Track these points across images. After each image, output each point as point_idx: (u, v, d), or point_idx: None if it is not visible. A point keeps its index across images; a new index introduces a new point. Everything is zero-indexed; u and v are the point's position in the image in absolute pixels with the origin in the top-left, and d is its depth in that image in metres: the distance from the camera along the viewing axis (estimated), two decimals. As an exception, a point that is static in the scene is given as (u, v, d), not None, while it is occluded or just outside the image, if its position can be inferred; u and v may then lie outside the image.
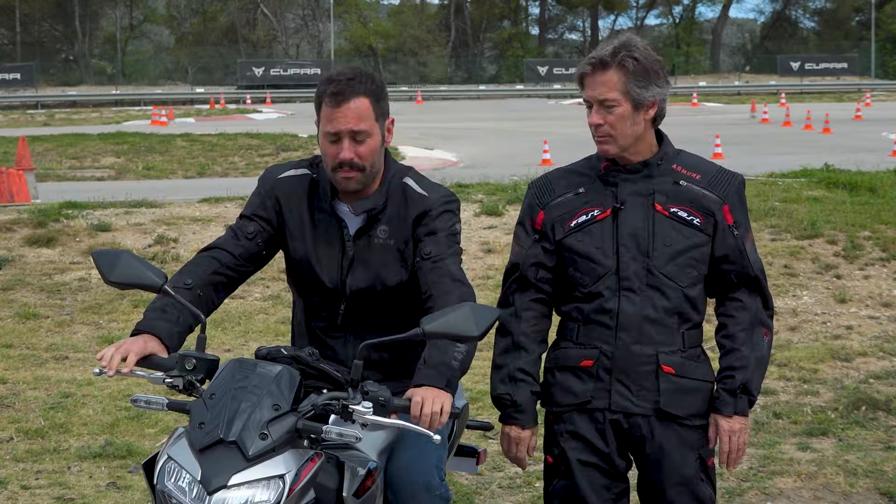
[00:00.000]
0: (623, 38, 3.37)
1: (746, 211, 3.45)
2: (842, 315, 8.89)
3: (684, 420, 3.37)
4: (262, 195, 3.51)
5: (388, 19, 72.17)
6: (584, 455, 3.44)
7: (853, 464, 5.79)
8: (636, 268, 3.34)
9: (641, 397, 3.35)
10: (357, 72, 3.36)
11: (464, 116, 35.44)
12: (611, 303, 3.36)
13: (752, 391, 3.37)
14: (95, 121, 35.51)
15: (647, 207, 3.36)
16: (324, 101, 3.31)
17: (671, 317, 3.35)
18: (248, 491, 2.76)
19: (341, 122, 3.28)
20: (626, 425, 3.38)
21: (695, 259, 3.36)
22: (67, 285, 9.79)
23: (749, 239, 3.41)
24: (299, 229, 3.47)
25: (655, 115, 3.37)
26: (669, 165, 3.40)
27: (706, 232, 3.36)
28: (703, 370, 3.41)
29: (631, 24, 73.66)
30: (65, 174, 20.48)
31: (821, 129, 27.19)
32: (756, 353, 3.37)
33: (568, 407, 3.45)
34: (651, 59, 3.32)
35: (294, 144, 24.44)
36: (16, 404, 6.88)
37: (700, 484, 3.41)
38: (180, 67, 61.91)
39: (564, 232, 3.43)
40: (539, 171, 15.79)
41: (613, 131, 3.33)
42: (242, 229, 3.47)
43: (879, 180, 13.06)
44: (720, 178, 3.40)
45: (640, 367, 3.35)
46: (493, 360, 3.58)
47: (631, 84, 3.29)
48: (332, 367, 3.14)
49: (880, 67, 61.97)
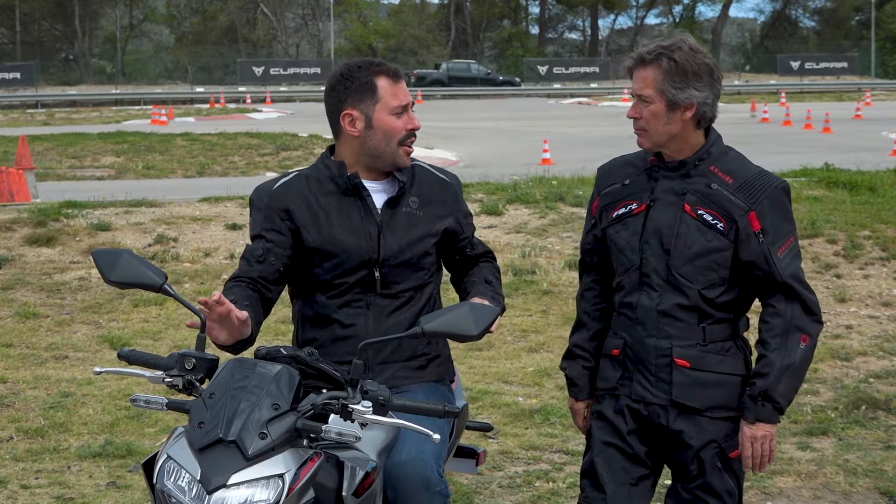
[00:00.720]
0: (672, 39, 3.42)
1: (786, 217, 3.39)
2: (842, 314, 8.90)
3: (704, 412, 3.42)
4: (263, 211, 3.55)
5: (388, 19, 72.21)
6: (607, 436, 3.55)
7: (853, 463, 5.79)
8: (656, 265, 3.42)
9: (658, 388, 3.44)
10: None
11: (464, 116, 35.45)
12: (631, 296, 3.47)
13: (774, 398, 3.36)
14: (95, 120, 35.52)
15: (677, 207, 3.41)
16: (380, 79, 3.52)
17: (688, 313, 3.40)
18: (248, 490, 2.76)
19: (404, 95, 3.54)
20: (645, 413, 3.48)
21: (715, 262, 3.38)
22: (67, 285, 9.79)
23: (784, 246, 3.37)
24: (313, 221, 3.52)
25: (698, 118, 3.38)
26: (707, 167, 3.41)
27: (728, 237, 3.37)
28: (730, 364, 3.44)
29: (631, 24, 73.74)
30: (65, 173, 20.49)
31: (821, 129, 27.21)
32: (786, 359, 3.34)
33: (602, 391, 3.60)
34: (693, 62, 3.33)
35: (294, 144, 24.44)
36: (16, 404, 6.88)
37: (717, 473, 3.45)
38: (180, 67, 61.92)
39: (608, 221, 3.55)
40: (539, 170, 15.81)
41: (647, 126, 3.40)
42: (252, 254, 3.51)
43: (879, 180, 13.06)
44: (753, 183, 3.38)
45: (656, 360, 3.44)
46: None
47: (666, 83, 3.34)
48: (331, 367, 3.15)
49: (880, 67, 62.00)
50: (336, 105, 3.56)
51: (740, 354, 3.47)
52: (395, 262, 3.53)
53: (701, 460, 3.44)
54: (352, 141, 3.56)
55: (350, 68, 3.56)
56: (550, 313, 8.73)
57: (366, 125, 3.52)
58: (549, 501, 5.36)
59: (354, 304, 3.54)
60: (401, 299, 3.56)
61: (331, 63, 56.93)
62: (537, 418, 6.52)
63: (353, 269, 3.52)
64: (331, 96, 3.58)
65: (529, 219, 11.29)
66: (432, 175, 3.69)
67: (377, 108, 3.51)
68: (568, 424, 6.39)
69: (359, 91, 3.51)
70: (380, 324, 3.53)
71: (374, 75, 3.53)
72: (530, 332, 8.40)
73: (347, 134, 3.55)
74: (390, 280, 3.54)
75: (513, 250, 10.20)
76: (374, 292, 3.54)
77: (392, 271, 3.54)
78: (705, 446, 3.43)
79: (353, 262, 3.51)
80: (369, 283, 3.54)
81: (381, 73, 3.54)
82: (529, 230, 10.88)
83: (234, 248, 10.62)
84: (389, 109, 3.52)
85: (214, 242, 10.83)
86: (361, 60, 3.60)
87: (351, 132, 3.54)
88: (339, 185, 3.55)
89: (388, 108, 3.52)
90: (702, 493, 3.46)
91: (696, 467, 3.45)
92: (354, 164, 3.58)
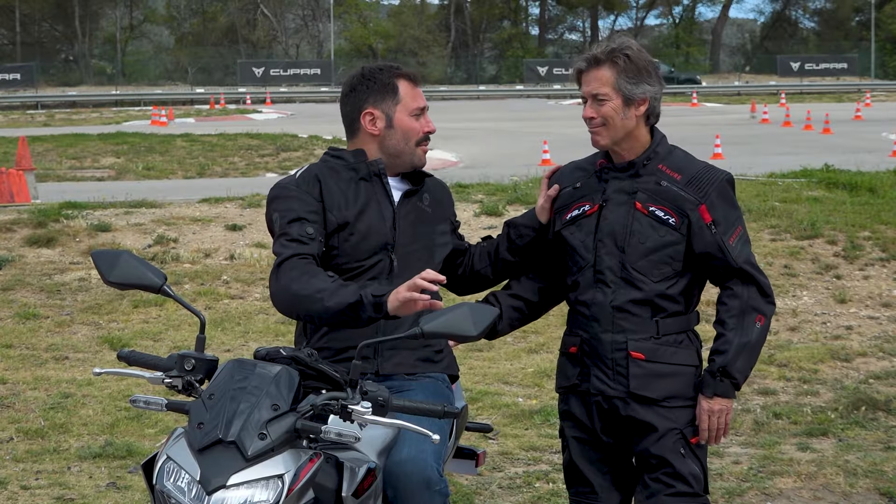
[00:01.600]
0: (619, 40, 3.60)
1: (733, 207, 3.58)
2: (842, 315, 8.89)
3: (661, 402, 3.56)
4: (297, 196, 3.50)
5: (388, 19, 72.19)
6: (577, 432, 3.71)
7: (853, 464, 5.79)
8: (611, 262, 3.57)
9: (616, 381, 3.58)
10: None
11: (464, 116, 35.45)
12: (586, 294, 3.61)
13: (732, 374, 3.52)
14: (95, 121, 35.52)
15: (629, 206, 3.57)
16: (401, 81, 3.62)
17: (642, 307, 3.55)
18: (247, 491, 2.77)
19: (421, 98, 3.66)
20: (605, 406, 3.60)
21: (669, 256, 3.55)
22: (67, 285, 9.79)
23: (735, 234, 3.55)
24: (337, 201, 3.53)
25: (648, 114, 3.57)
26: (655, 165, 3.59)
27: (681, 231, 3.54)
28: (683, 355, 3.60)
29: (631, 25, 73.72)
30: (65, 174, 20.48)
31: (821, 130, 27.19)
32: (743, 338, 3.52)
33: (564, 389, 3.74)
34: (643, 59, 3.55)
35: (294, 144, 24.43)
36: (16, 404, 6.88)
37: (680, 459, 3.57)
38: (180, 67, 61.92)
39: (562, 224, 3.69)
40: (539, 171, 15.80)
41: (606, 122, 3.54)
42: (303, 233, 3.44)
43: (879, 180, 13.05)
44: (701, 177, 3.56)
45: (612, 354, 3.58)
46: None
47: (622, 80, 3.51)
48: (330, 368, 3.15)
49: (880, 68, 61.99)
50: (357, 104, 3.62)
51: (692, 346, 3.63)
52: (409, 249, 3.58)
53: (664, 447, 3.56)
54: (370, 140, 3.62)
55: (371, 70, 3.66)
56: (550, 314, 8.71)
57: (386, 124, 3.60)
58: (549, 502, 5.36)
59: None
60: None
61: (331, 64, 56.98)
62: (537, 419, 6.52)
63: (370, 250, 3.54)
64: (350, 96, 3.64)
65: (529, 219, 11.28)
66: (433, 178, 3.80)
67: (398, 109, 3.60)
68: (568, 425, 6.39)
69: (381, 91, 3.60)
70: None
71: (396, 77, 3.62)
72: (530, 332, 8.40)
73: (367, 132, 3.61)
74: (402, 267, 3.55)
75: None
76: (389, 273, 3.53)
77: (405, 258, 3.57)
78: (667, 433, 3.56)
79: (371, 244, 3.53)
80: (383, 268, 3.55)
81: (401, 75, 3.64)
82: (529, 231, 10.87)
83: (234, 249, 10.62)
84: (409, 111, 3.61)
85: (214, 243, 10.83)
86: (382, 64, 3.70)
87: (371, 131, 3.60)
88: (358, 171, 3.60)
89: (408, 110, 3.61)
90: (668, 478, 3.57)
91: (659, 454, 3.57)
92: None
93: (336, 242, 3.54)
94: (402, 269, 3.55)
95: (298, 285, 3.31)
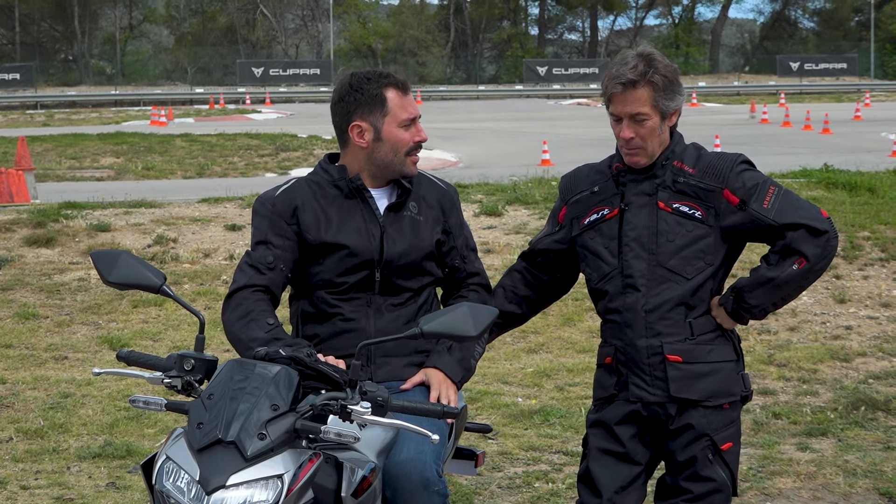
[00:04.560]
0: (644, 54, 3.52)
1: (755, 176, 3.52)
2: (841, 315, 8.89)
3: (703, 402, 3.52)
4: (268, 217, 3.57)
5: (388, 19, 72.14)
6: (605, 443, 3.62)
7: (853, 464, 5.79)
8: (640, 266, 3.52)
9: (655, 386, 3.53)
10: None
11: (463, 117, 35.44)
12: (617, 301, 3.56)
13: (743, 296, 3.49)
14: (95, 121, 35.50)
15: (651, 206, 3.53)
16: (389, 91, 3.54)
17: (674, 309, 3.50)
18: (247, 491, 2.77)
19: (412, 107, 3.58)
20: (644, 413, 3.55)
21: (700, 251, 3.51)
22: (67, 285, 9.78)
23: (767, 197, 3.47)
24: (317, 222, 3.54)
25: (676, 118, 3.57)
26: (671, 162, 3.55)
27: (708, 223, 3.50)
28: (719, 352, 3.56)
29: (630, 25, 73.73)
30: (64, 174, 20.48)
31: (820, 130, 27.18)
32: (771, 272, 3.46)
33: (600, 400, 3.67)
34: (671, 71, 3.52)
35: (293, 144, 24.42)
36: (15, 404, 6.88)
37: (708, 466, 3.53)
38: (180, 67, 61.88)
39: (580, 229, 3.64)
40: (538, 171, 15.80)
41: (644, 143, 3.50)
42: (262, 261, 3.53)
43: (879, 180, 13.04)
44: (715, 164, 3.54)
45: (648, 359, 3.52)
46: None
47: (660, 98, 3.48)
48: (330, 368, 3.15)
49: (879, 68, 61.96)
50: (345, 116, 3.58)
51: (729, 342, 3.59)
52: (398, 263, 3.57)
53: (692, 451, 3.53)
54: (359, 152, 3.59)
55: (359, 79, 3.57)
56: (550, 314, 8.72)
57: (374, 137, 3.55)
58: (549, 502, 5.36)
59: (356, 301, 3.57)
60: (401, 297, 3.60)
61: (330, 64, 56.94)
62: (537, 419, 6.52)
63: (355, 267, 3.55)
64: (338, 107, 3.60)
65: (529, 220, 11.28)
66: (431, 182, 3.73)
67: (386, 121, 3.54)
68: (567, 425, 6.40)
69: (368, 103, 3.54)
70: (380, 319, 3.56)
71: (384, 87, 3.55)
72: (529, 332, 8.40)
73: (355, 145, 3.58)
74: (392, 281, 3.58)
75: (512, 251, 10.19)
76: (374, 292, 3.57)
77: (395, 272, 3.57)
78: (698, 439, 3.52)
79: (356, 262, 3.54)
80: (370, 284, 3.56)
81: (389, 85, 3.56)
82: (529, 231, 10.87)
83: (234, 249, 10.62)
84: (398, 122, 3.55)
85: (214, 243, 10.83)
86: (370, 72, 3.60)
87: (359, 143, 3.57)
88: (342, 189, 3.58)
89: (397, 121, 3.55)
90: (688, 483, 3.55)
91: (686, 458, 3.54)
92: (359, 172, 3.61)
93: (321, 260, 3.55)
94: (391, 283, 3.57)
95: (237, 327, 3.42)
